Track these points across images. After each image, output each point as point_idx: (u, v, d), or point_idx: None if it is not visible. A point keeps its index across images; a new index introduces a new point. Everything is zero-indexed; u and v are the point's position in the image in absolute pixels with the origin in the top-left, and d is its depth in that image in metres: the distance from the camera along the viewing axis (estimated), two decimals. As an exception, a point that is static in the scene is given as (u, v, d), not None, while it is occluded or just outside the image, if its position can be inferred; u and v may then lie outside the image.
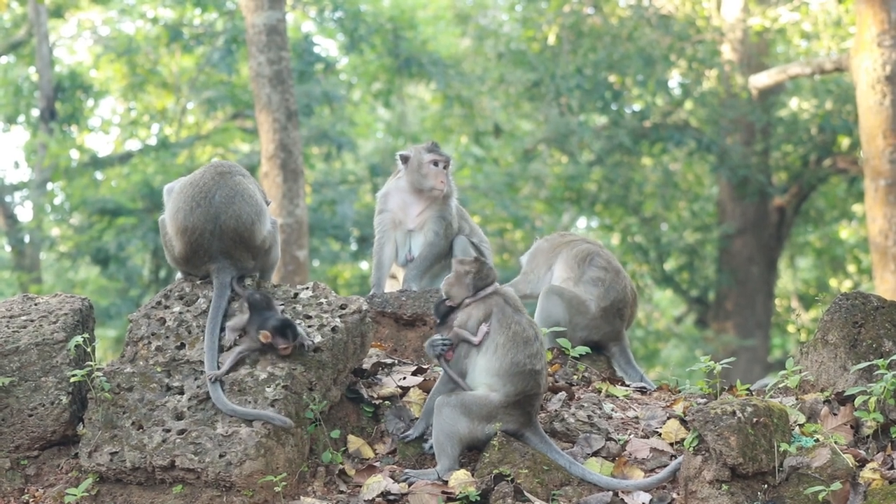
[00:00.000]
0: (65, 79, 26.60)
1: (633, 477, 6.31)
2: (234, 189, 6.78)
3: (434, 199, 8.46)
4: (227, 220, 6.73)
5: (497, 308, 6.41)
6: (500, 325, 6.36)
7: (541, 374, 6.38)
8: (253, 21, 15.84)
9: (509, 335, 6.33)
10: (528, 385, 6.31)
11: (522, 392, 6.30)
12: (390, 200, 8.57)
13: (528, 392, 6.32)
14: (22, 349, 6.69)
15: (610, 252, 8.58)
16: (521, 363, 6.31)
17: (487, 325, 6.36)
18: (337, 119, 25.86)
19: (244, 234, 6.75)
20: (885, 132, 15.30)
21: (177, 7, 26.29)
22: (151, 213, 23.56)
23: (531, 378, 6.31)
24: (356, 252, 25.98)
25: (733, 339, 23.92)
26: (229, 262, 6.75)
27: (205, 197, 6.73)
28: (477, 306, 6.43)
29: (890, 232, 15.30)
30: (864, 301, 6.88)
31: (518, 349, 6.32)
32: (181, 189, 6.84)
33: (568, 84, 23.70)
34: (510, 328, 6.36)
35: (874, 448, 6.39)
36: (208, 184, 6.77)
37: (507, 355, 6.30)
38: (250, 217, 6.77)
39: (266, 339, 6.41)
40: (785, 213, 25.21)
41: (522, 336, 6.35)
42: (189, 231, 6.72)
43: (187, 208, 6.74)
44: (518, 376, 6.28)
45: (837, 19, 23.89)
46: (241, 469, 6.09)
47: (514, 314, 6.41)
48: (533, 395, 6.34)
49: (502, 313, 6.40)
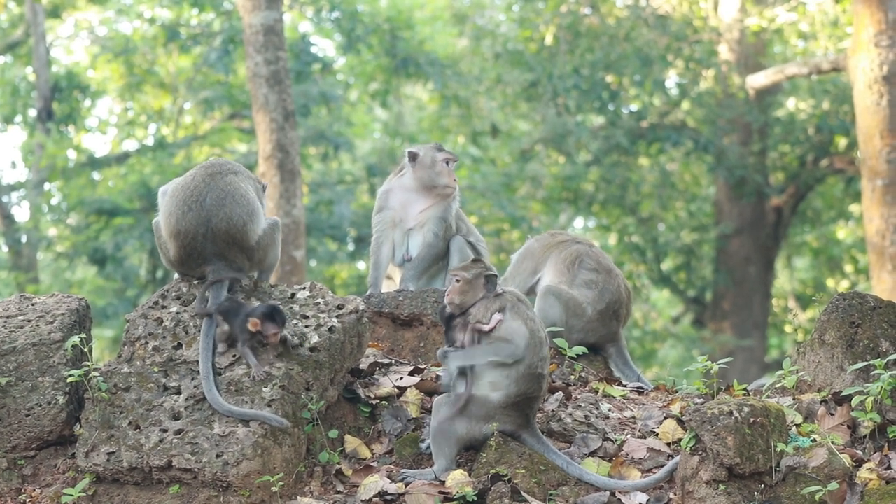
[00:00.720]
0: (62, 79, 26.58)
1: (630, 477, 6.32)
2: (225, 190, 6.76)
3: (443, 197, 8.45)
4: (219, 223, 6.71)
5: (511, 304, 6.38)
6: (519, 317, 6.32)
7: (545, 378, 6.37)
8: (250, 21, 15.84)
9: (527, 332, 6.31)
10: (532, 388, 6.30)
11: (524, 394, 6.29)
12: (392, 197, 8.55)
13: (530, 395, 6.31)
14: (19, 349, 6.69)
15: (600, 251, 8.44)
16: (532, 365, 6.29)
17: (501, 315, 6.33)
18: (334, 119, 25.85)
19: (236, 235, 6.75)
20: (882, 132, 15.31)
21: (174, 7, 26.28)
22: (148, 214, 23.53)
23: (536, 381, 6.31)
24: (353, 252, 25.98)
25: (730, 340, 23.92)
26: (224, 264, 6.74)
27: (196, 200, 6.73)
28: (492, 300, 6.39)
29: (887, 232, 15.31)
30: (861, 301, 6.88)
31: (533, 350, 6.30)
32: (173, 192, 6.83)
33: (565, 84, 23.70)
34: (527, 325, 6.33)
35: (871, 448, 6.39)
36: (199, 186, 6.76)
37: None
38: (241, 218, 6.76)
39: (255, 327, 6.40)
40: (782, 214, 25.22)
41: (537, 336, 6.33)
42: (182, 234, 6.72)
43: (179, 212, 6.74)
44: (525, 378, 6.27)
45: (834, 19, 23.91)
46: (238, 469, 6.09)
47: (527, 311, 6.39)
48: (533, 398, 6.33)
49: (517, 309, 6.37)
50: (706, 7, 25.07)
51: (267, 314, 6.42)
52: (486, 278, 6.41)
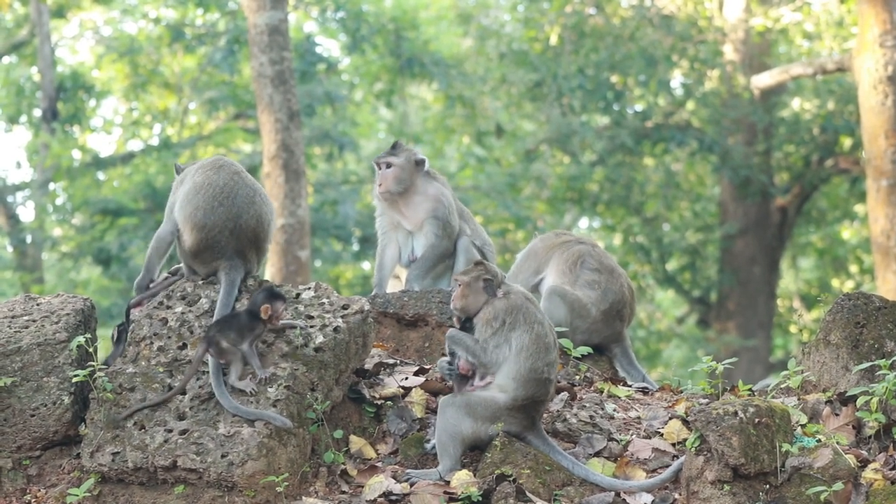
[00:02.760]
0: (67, 79, 26.61)
1: (635, 477, 6.31)
2: (253, 188, 6.90)
3: (379, 200, 8.47)
4: (249, 220, 6.79)
5: (520, 304, 6.36)
6: (525, 323, 6.31)
7: (552, 382, 6.36)
8: (255, 21, 15.85)
9: (532, 337, 6.30)
10: (539, 392, 6.29)
11: (531, 398, 6.29)
12: (382, 204, 8.59)
13: (536, 398, 6.31)
14: (24, 349, 6.69)
15: (603, 251, 8.40)
16: (538, 370, 6.28)
17: (492, 379, 6.33)
18: (339, 119, 25.86)
19: (261, 234, 6.84)
20: (887, 132, 15.30)
21: (179, 7, 26.30)
22: (153, 214, 23.57)
23: (543, 386, 6.30)
24: (358, 252, 25.98)
25: (735, 340, 23.90)
26: (241, 262, 6.79)
27: (227, 196, 6.78)
28: (500, 300, 6.38)
29: (892, 232, 15.30)
30: (866, 301, 6.88)
31: (538, 355, 6.28)
32: (196, 190, 6.82)
33: (570, 84, 23.70)
34: (533, 329, 6.32)
35: (876, 448, 6.39)
36: (229, 184, 6.81)
37: (528, 360, 6.26)
38: (268, 217, 6.91)
39: (267, 312, 6.41)
40: (787, 214, 25.20)
41: (544, 341, 6.31)
42: (208, 228, 6.75)
43: (208, 206, 6.77)
44: (532, 382, 6.27)
45: (839, 20, 23.89)
46: (243, 469, 6.09)
47: (536, 313, 6.37)
48: (540, 402, 6.33)
49: (526, 311, 6.36)
50: (711, 7, 25.05)
51: (269, 296, 6.44)
52: (485, 281, 6.40)
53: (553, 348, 6.35)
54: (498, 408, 6.28)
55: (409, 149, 8.48)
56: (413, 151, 8.46)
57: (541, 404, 6.34)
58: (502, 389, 6.28)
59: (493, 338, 6.31)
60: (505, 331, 6.31)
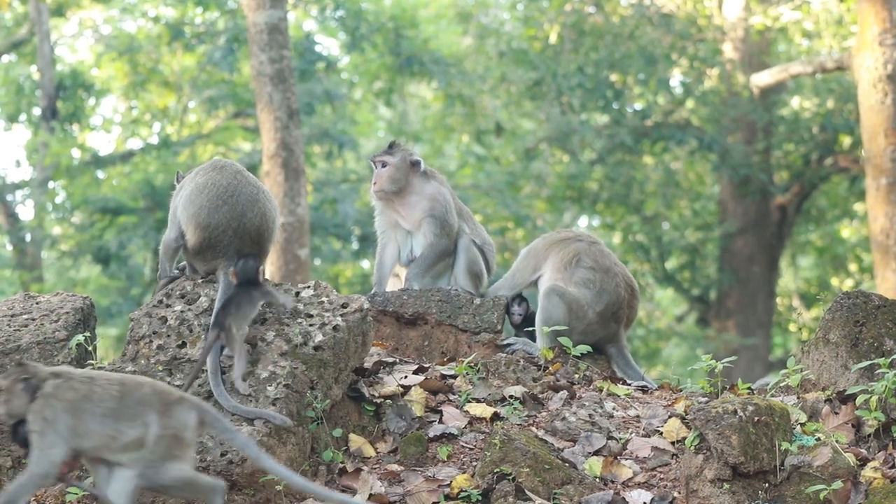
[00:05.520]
0: (66, 77, 26.59)
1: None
2: (257, 187, 6.88)
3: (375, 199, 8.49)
4: (253, 218, 6.76)
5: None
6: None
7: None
8: (254, 20, 15.85)
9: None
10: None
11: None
12: (379, 203, 8.59)
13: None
14: (23, 348, 6.69)
15: (601, 249, 8.31)
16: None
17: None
18: (338, 118, 25.84)
19: (265, 232, 6.81)
20: (886, 131, 15.31)
21: (178, 6, 26.29)
22: (153, 212, 23.56)
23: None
24: (357, 251, 25.97)
25: (734, 338, 23.91)
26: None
27: (231, 195, 6.77)
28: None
29: (891, 230, 15.30)
30: (865, 300, 6.88)
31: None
32: (199, 191, 6.81)
33: (569, 83, 23.70)
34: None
35: (875, 447, 6.39)
36: (232, 183, 6.80)
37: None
38: (272, 215, 6.88)
39: (234, 276, 6.53)
40: (786, 212, 25.20)
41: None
42: (211, 227, 6.73)
43: (211, 206, 6.75)
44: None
45: (839, 18, 23.89)
46: (242, 468, 6.09)
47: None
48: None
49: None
50: (710, 5, 25.06)
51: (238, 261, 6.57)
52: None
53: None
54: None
55: (405, 148, 8.47)
56: (409, 151, 8.45)
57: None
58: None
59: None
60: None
